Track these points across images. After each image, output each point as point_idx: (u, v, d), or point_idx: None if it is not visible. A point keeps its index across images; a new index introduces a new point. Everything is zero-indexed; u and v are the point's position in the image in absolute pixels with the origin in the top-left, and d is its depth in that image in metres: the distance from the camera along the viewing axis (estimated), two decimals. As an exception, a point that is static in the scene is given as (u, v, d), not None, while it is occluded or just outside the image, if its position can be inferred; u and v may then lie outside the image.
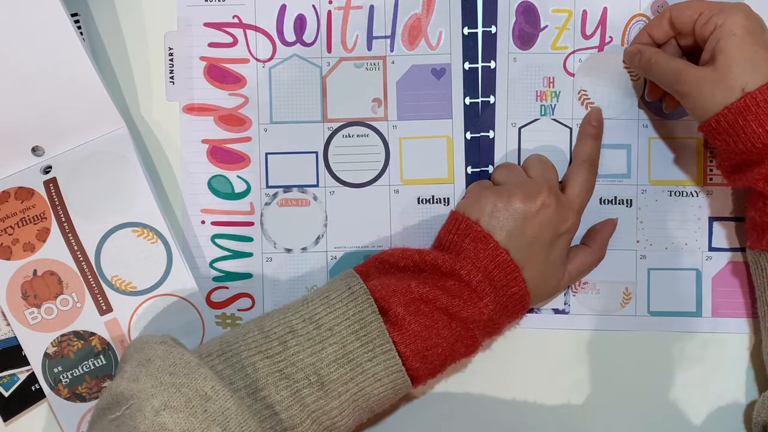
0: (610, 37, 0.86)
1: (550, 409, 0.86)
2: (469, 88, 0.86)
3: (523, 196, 0.77)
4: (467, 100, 0.86)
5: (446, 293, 0.74)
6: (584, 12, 0.86)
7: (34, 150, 0.82)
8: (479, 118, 0.86)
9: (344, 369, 0.72)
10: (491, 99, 0.86)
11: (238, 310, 0.86)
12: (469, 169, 0.86)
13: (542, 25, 0.86)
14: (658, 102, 0.85)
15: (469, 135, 0.86)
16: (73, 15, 0.84)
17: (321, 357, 0.71)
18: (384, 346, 0.72)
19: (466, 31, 0.86)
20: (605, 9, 0.86)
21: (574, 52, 0.86)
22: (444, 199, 0.86)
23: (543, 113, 0.86)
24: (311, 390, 0.71)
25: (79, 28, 0.85)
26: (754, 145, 0.73)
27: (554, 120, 0.86)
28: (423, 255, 0.76)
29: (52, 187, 0.81)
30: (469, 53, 0.86)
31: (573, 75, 0.86)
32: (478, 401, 0.86)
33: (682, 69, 0.76)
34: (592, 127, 0.84)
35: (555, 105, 0.86)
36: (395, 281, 0.75)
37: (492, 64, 0.86)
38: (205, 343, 0.75)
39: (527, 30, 0.86)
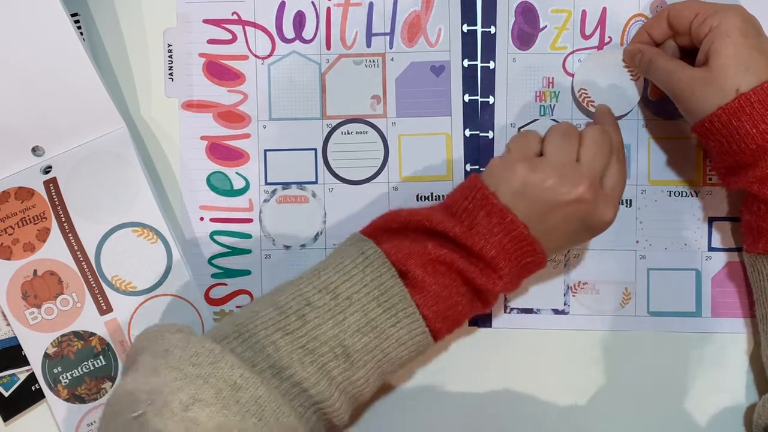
0: (609, 37, 0.85)
1: (550, 409, 0.86)
2: (469, 85, 0.86)
3: (559, 183, 0.73)
4: (466, 97, 0.86)
5: (462, 258, 0.72)
6: (583, 12, 0.85)
7: (34, 150, 0.82)
8: (478, 117, 0.86)
9: (368, 337, 0.70)
10: (490, 99, 0.86)
11: (237, 306, 0.87)
12: (468, 167, 0.86)
13: (541, 26, 0.86)
14: (657, 102, 0.85)
15: (468, 132, 0.86)
16: (73, 15, 0.84)
17: (343, 328, 0.70)
18: (407, 311, 0.71)
19: (465, 28, 0.86)
20: (604, 9, 0.85)
21: (573, 52, 0.86)
22: (443, 196, 0.86)
23: (542, 113, 0.86)
24: (337, 362, 0.69)
25: (79, 28, 0.85)
26: (748, 146, 0.73)
27: (554, 120, 0.86)
28: (433, 223, 0.73)
29: (52, 187, 0.81)
30: (468, 50, 0.86)
31: (572, 75, 0.85)
32: (478, 401, 0.86)
33: (676, 70, 0.76)
34: (608, 116, 0.82)
35: (554, 105, 0.86)
36: (409, 243, 0.73)
37: (491, 65, 0.86)
38: (215, 326, 0.73)
39: (526, 30, 0.86)
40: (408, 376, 0.86)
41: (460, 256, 0.72)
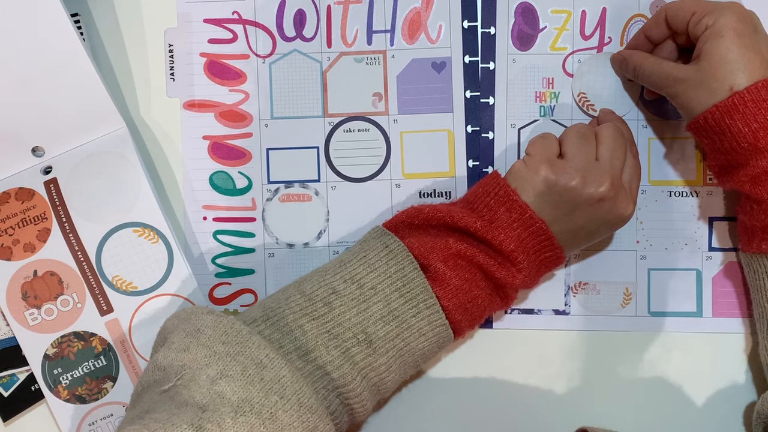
0: (609, 37, 0.85)
1: (551, 409, 0.86)
2: (470, 81, 0.85)
3: (583, 184, 0.74)
4: (468, 94, 0.85)
5: (482, 252, 0.75)
6: (583, 12, 0.85)
7: (35, 150, 0.82)
8: (479, 116, 0.86)
9: (390, 326, 0.73)
10: (491, 100, 0.86)
11: (241, 306, 0.86)
12: (471, 163, 0.86)
13: (541, 26, 0.85)
14: (657, 102, 0.84)
15: (470, 128, 0.86)
16: (73, 15, 0.84)
17: (367, 316, 0.72)
18: (428, 302, 0.73)
19: (465, 24, 0.85)
20: (604, 9, 0.85)
21: (573, 52, 0.85)
22: (446, 192, 0.86)
23: (542, 114, 0.86)
24: (360, 348, 0.72)
25: (79, 28, 0.85)
26: (740, 144, 0.73)
27: (554, 121, 0.86)
28: (455, 219, 0.75)
29: (52, 188, 0.81)
30: (469, 46, 0.85)
31: (572, 76, 0.85)
32: (477, 402, 0.86)
33: (666, 71, 0.76)
34: (613, 114, 0.83)
35: (554, 106, 0.85)
36: (430, 238, 0.75)
37: (491, 65, 0.86)
38: (244, 311, 0.76)
39: (526, 31, 0.85)
40: (409, 375, 0.86)
41: (480, 250, 0.75)
